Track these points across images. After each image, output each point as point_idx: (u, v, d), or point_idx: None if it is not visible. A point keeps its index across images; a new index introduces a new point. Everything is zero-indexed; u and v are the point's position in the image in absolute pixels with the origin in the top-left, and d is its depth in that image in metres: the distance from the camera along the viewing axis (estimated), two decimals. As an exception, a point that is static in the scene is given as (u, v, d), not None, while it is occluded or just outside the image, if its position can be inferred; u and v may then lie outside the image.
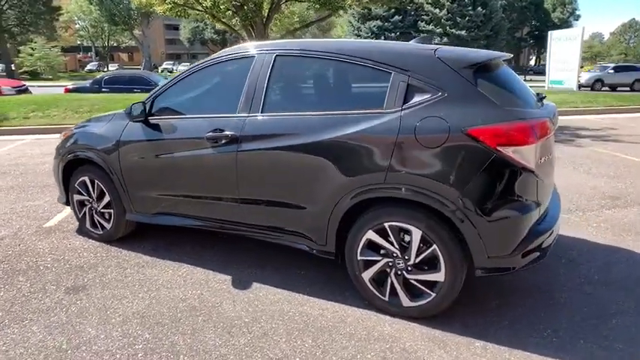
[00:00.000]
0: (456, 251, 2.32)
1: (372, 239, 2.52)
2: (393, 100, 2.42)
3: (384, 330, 2.46)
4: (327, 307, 2.71)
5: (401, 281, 2.50)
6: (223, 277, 3.10)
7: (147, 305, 2.74)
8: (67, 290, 2.93)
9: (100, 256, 3.46)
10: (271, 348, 2.32)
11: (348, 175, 2.47)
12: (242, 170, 2.81)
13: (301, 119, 2.64)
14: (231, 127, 2.82)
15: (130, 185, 3.37)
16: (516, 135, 2.18)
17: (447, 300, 2.42)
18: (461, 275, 2.36)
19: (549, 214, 2.58)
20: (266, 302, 2.77)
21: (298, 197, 2.69)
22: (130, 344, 2.36)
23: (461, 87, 2.32)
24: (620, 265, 3.20)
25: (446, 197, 2.25)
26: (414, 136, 2.30)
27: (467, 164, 2.23)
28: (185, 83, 3.19)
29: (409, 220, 2.38)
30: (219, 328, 2.50)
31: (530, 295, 2.80)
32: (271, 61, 2.81)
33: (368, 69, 2.53)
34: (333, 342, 2.37)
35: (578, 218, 4.14)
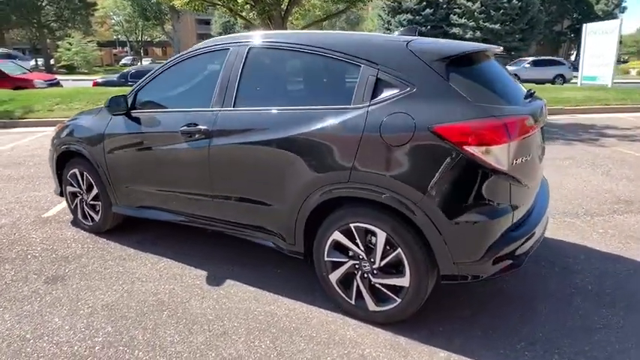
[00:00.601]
0: (421, 256, 2.19)
1: (339, 240, 2.43)
2: (361, 95, 2.30)
3: (346, 334, 2.37)
4: (294, 307, 2.64)
5: (367, 285, 2.40)
6: (200, 272, 3.08)
7: (117, 298, 2.75)
8: (46, 280, 2.99)
9: (86, 247, 3.51)
10: (227, 347, 2.28)
11: (314, 174, 2.38)
12: (214, 165, 2.77)
13: (270, 114, 2.57)
14: (204, 121, 2.78)
15: (114, 178, 3.40)
16: (486, 133, 2.02)
17: (412, 306, 2.30)
18: (426, 281, 2.23)
19: (530, 218, 2.40)
20: (234, 300, 2.72)
21: (267, 195, 2.62)
22: (90, 336, 2.37)
23: (431, 81, 2.18)
24: (618, 276, 2.97)
25: (409, 199, 2.13)
26: (379, 134, 2.19)
27: (432, 164, 2.09)
28: (165, 76, 3.18)
29: (374, 222, 2.27)
30: (181, 325, 2.47)
31: (510, 304, 2.64)
32: (244, 53, 2.74)
33: (338, 62, 2.42)
34: (291, 344, 2.30)
35: (584, 223, 3.89)
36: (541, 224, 2.52)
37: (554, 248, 3.39)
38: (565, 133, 8.20)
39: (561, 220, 3.94)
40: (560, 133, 8.26)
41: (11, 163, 6.21)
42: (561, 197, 4.57)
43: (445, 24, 34.09)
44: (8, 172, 5.72)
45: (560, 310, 2.59)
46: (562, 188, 4.88)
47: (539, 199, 2.71)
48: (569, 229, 3.76)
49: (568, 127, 9.00)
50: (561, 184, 5.05)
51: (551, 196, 4.57)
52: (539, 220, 2.47)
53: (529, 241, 2.29)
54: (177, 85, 3.19)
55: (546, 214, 2.70)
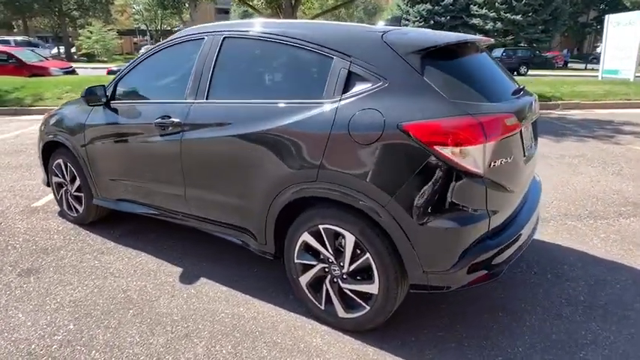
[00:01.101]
0: (390, 262, 2.05)
1: (308, 242, 2.30)
2: (333, 89, 2.16)
3: (312, 342, 2.25)
4: (264, 309, 2.53)
5: (336, 290, 2.28)
6: (175, 269, 3.00)
7: (87, 294, 2.70)
8: (20, 272, 2.95)
9: (67, 239, 3.47)
10: (186, 351, 2.19)
11: (283, 171, 2.26)
12: (185, 160, 2.67)
13: (240, 107, 2.45)
14: (178, 113, 2.68)
15: (93, 170, 3.33)
16: (459, 133, 1.86)
17: (381, 315, 2.17)
18: (395, 289, 2.09)
19: (514, 223, 2.22)
20: (204, 300, 2.63)
21: (237, 191, 2.51)
22: (51, 334, 2.31)
23: (404, 75, 2.02)
24: (614, 287, 2.76)
25: (376, 201, 1.98)
26: (347, 131, 2.04)
27: (401, 165, 1.94)
28: (144, 66, 3.08)
29: (342, 224, 2.14)
30: (144, 325, 2.40)
31: (492, 314, 2.47)
32: (219, 43, 2.61)
33: (312, 53, 2.28)
34: (252, 350, 2.19)
35: (586, 227, 3.67)
36: (527, 228, 2.35)
37: (550, 253, 3.19)
38: (579, 129, 7.85)
39: (561, 223, 3.73)
40: (573, 129, 7.91)
41: (13, 151, 6.25)
42: (565, 197, 4.34)
43: (465, 14, 33.28)
44: (8, 160, 5.76)
45: (546, 321, 2.41)
46: (567, 188, 4.63)
47: (528, 199, 2.53)
48: (569, 232, 3.55)
49: (583, 122, 8.62)
50: (568, 183, 4.80)
51: (554, 196, 4.37)
52: (524, 225, 2.29)
53: (509, 249, 2.12)
54: (155, 76, 3.09)
55: (535, 216, 2.52)
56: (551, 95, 10.67)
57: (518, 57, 25.73)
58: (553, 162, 5.66)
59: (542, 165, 5.49)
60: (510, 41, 31.54)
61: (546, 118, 8.94)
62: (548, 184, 4.75)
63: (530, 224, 2.41)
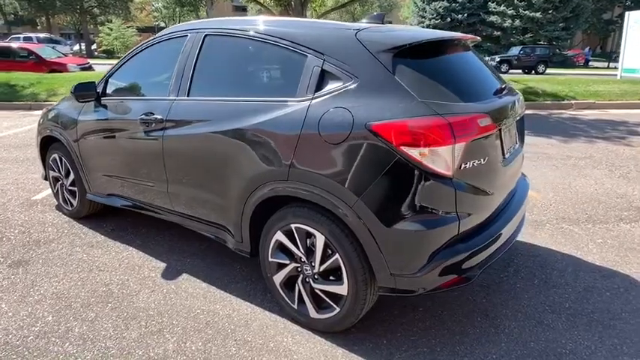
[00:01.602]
0: (358, 263, 2.02)
1: (281, 241, 2.29)
2: (306, 87, 2.13)
3: (282, 341, 2.24)
4: (239, 307, 2.53)
5: (308, 290, 2.26)
6: (159, 264, 3.03)
7: (70, 286, 2.74)
8: (11, 264, 3.02)
9: (61, 232, 3.53)
10: (157, 346, 2.20)
11: (256, 169, 2.25)
12: (167, 156, 2.69)
13: (217, 105, 2.44)
14: (160, 110, 2.69)
15: (85, 165, 3.39)
16: (426, 133, 1.81)
17: (351, 317, 2.14)
18: (364, 291, 2.06)
19: (490, 226, 2.16)
20: (182, 296, 2.65)
21: (214, 188, 2.51)
22: (29, 325, 2.36)
23: (375, 74, 1.98)
24: (603, 295, 2.67)
25: (344, 201, 1.96)
26: (317, 130, 2.02)
27: (368, 165, 1.91)
28: (132, 63, 3.11)
29: (313, 224, 2.12)
30: (120, 319, 2.42)
31: (470, 319, 2.42)
32: (200, 40, 2.62)
33: (287, 51, 2.26)
34: (222, 347, 2.19)
35: (583, 231, 3.56)
36: (508, 230, 2.29)
37: (540, 258, 3.11)
38: (589, 130, 7.63)
39: (557, 227, 3.63)
40: (584, 129, 7.69)
41: (22, 145, 6.41)
42: (565, 200, 4.22)
43: (483, 11, 32.67)
44: (16, 154, 5.90)
45: (526, 328, 2.35)
46: (569, 190, 4.51)
47: (513, 200, 2.47)
48: (565, 236, 3.45)
49: (595, 123, 8.37)
50: (570, 185, 4.67)
51: (553, 198, 4.26)
52: (504, 226, 2.23)
53: (483, 252, 2.07)
54: (142, 72, 3.11)
55: (519, 217, 2.45)
56: (565, 94, 10.41)
57: (536, 55, 25.13)
58: (558, 163, 5.52)
59: (545, 166, 5.36)
60: (529, 39, 30.87)
61: (557, 118, 8.73)
62: (549, 186, 4.64)
63: (511, 225, 2.34)
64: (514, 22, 31.17)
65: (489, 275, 2.87)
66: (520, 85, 11.29)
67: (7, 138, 6.87)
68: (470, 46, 2.51)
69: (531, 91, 10.76)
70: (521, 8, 30.76)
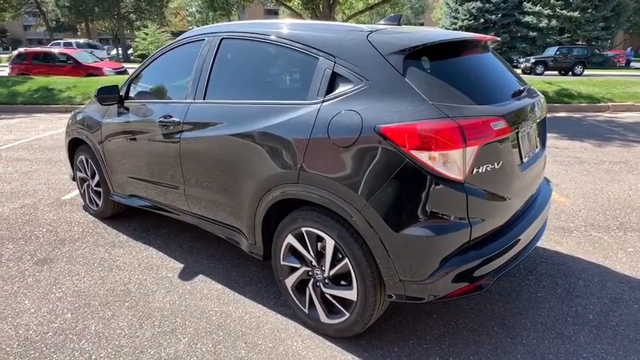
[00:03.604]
0: (367, 268, 1.98)
1: (293, 244, 2.29)
2: (317, 90, 2.12)
3: (292, 345, 2.23)
4: (252, 310, 2.54)
5: (319, 294, 2.24)
6: (177, 265, 3.08)
7: (90, 285, 2.82)
8: (37, 261, 3.14)
9: (86, 231, 3.66)
10: (168, 346, 2.23)
11: (268, 172, 2.25)
12: (184, 158, 2.73)
13: (231, 108, 2.47)
14: (178, 113, 2.74)
15: (108, 166, 3.49)
16: (435, 137, 1.76)
17: (361, 323, 2.11)
18: (374, 297, 2.02)
19: (507, 232, 2.08)
20: (197, 296, 2.68)
21: (229, 191, 2.53)
22: (49, 322, 2.44)
23: (385, 76, 1.95)
24: (632, 307, 2.53)
25: (352, 205, 1.93)
26: (326, 133, 2.00)
27: (377, 169, 1.87)
28: (154, 66, 3.19)
29: (323, 228, 2.10)
30: (136, 318, 2.47)
31: (487, 328, 2.34)
32: (217, 44, 2.65)
33: (300, 54, 2.25)
34: (231, 350, 2.20)
35: (613, 239, 3.38)
36: (527, 235, 2.20)
37: (565, 266, 2.97)
38: (626, 134, 7.26)
39: (585, 234, 3.47)
40: (620, 132, 7.33)
41: (56, 146, 6.68)
42: (595, 207, 4.03)
43: (518, 12, 31.83)
44: (50, 155, 6.16)
45: (545, 340, 2.25)
46: (601, 196, 4.30)
47: (533, 205, 2.37)
48: (593, 244, 3.29)
49: (632, 126, 7.97)
50: (602, 191, 4.45)
51: (583, 204, 4.07)
52: (522, 233, 2.14)
53: (498, 259, 1.99)
54: (161, 76, 3.18)
55: (540, 223, 2.35)
56: (601, 96, 9.96)
57: (573, 56, 24.18)
58: (590, 168, 5.28)
59: (577, 171, 5.14)
60: (566, 39, 29.82)
61: (592, 121, 8.37)
62: (579, 191, 4.44)
63: (531, 231, 2.25)
64: (550, 22, 30.21)
65: (509, 283, 2.77)
66: (553, 87, 10.90)
67: (42, 140, 7.18)
68: (488, 47, 2.43)
69: (565, 93, 10.37)
70: (558, 8, 29.79)
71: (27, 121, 9.09)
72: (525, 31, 31.97)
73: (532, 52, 30.26)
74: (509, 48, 33.04)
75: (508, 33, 32.45)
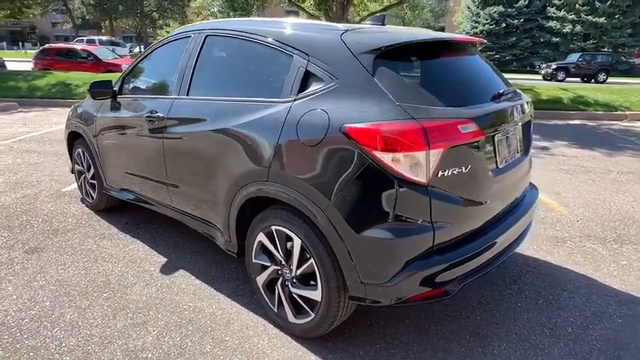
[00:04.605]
0: (331, 269, 1.97)
1: (264, 242, 2.28)
2: (290, 88, 2.12)
3: (258, 343, 2.23)
4: (225, 306, 2.54)
5: (287, 293, 2.23)
6: (161, 259, 3.12)
7: (73, 275, 2.88)
8: (27, 250, 3.22)
9: (79, 223, 3.73)
10: (137, 338, 2.26)
11: (240, 169, 2.26)
12: (166, 153, 2.76)
13: (209, 104, 2.48)
14: (162, 108, 2.78)
15: (102, 159, 3.55)
16: (398, 138, 1.74)
17: (325, 324, 2.09)
18: (337, 298, 2.00)
19: (478, 238, 2.03)
20: (174, 291, 2.70)
21: (206, 187, 2.55)
22: (27, 309, 2.50)
23: (355, 75, 1.93)
24: (614, 321, 2.44)
25: (317, 205, 1.91)
26: (295, 131, 2.00)
27: (341, 169, 1.85)
28: (145, 63, 3.24)
29: (291, 227, 2.09)
30: (111, 309, 2.51)
31: (458, 337, 2.29)
32: (201, 41, 2.68)
33: (276, 51, 2.25)
34: (198, 344, 2.21)
35: (608, 251, 3.27)
36: (502, 243, 2.14)
37: (551, 277, 2.89)
38: (640, 143, 7.05)
39: (579, 245, 3.36)
40: (635, 142, 7.10)
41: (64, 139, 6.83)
42: (595, 217, 3.91)
43: (541, 17, 31.22)
44: (57, 148, 6.30)
45: (517, 352, 2.18)
46: (602, 206, 4.17)
47: (513, 212, 2.32)
48: (585, 256, 3.19)
49: (650, 136, 7.72)
50: (604, 201, 4.32)
51: (582, 214, 3.96)
52: (495, 239, 2.09)
53: (465, 265, 1.94)
54: (152, 72, 3.22)
55: (519, 229, 2.30)
56: (619, 105, 9.67)
57: (597, 63, 23.55)
58: (596, 177, 5.13)
59: (581, 180, 5.01)
60: (591, 46, 29.10)
61: (606, 129, 8.14)
62: (580, 201, 4.32)
63: (507, 237, 2.20)
64: (575, 27, 29.54)
65: (490, 292, 2.71)
66: (569, 94, 10.65)
67: (53, 133, 7.36)
68: (471, 49, 2.38)
69: (581, 100, 10.11)
70: (583, 13, 29.09)
71: (42, 114, 9.34)
72: (548, 37, 31.34)
73: (554, 58, 29.63)
74: (530, 53, 32.45)
75: (530, 38, 31.88)
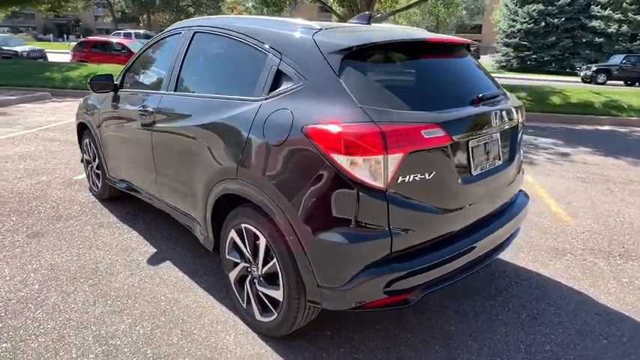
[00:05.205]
0: (292, 269, 1.96)
1: (235, 239, 2.30)
2: (262, 86, 2.12)
3: (224, 339, 2.25)
4: (201, 300, 2.58)
5: (254, 291, 2.25)
6: (151, 249, 3.20)
7: (66, 260, 2.99)
8: (30, 234, 3.37)
9: (83, 210, 3.87)
10: (111, 325, 2.33)
11: (214, 166, 2.29)
12: (154, 147, 2.83)
13: (192, 100, 2.54)
14: (153, 103, 2.84)
15: (104, 150, 3.67)
16: (355, 141, 1.70)
17: (286, 324, 2.09)
18: (297, 299, 1.99)
19: (442, 248, 1.97)
20: (156, 281, 2.77)
21: (187, 181, 2.59)
22: (17, 290, 2.62)
23: (322, 76, 1.91)
24: (598, 342, 2.31)
25: (278, 205, 1.91)
26: (262, 130, 2.00)
27: (302, 169, 1.84)
28: (143, 58, 3.32)
29: (257, 225, 2.10)
30: (93, 295, 2.60)
31: (426, 347, 2.23)
32: (189, 37, 2.72)
33: (253, 49, 2.26)
34: (166, 335, 2.26)
35: (609, 266, 3.10)
36: (474, 252, 2.07)
37: (542, 290, 2.77)
38: (671, 153, 6.62)
39: (580, 258, 3.21)
40: (666, 152, 6.69)
41: (89, 130, 7.10)
42: (604, 229, 3.72)
43: (584, 16, 29.85)
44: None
45: (486, 365, 2.11)
46: (614, 219, 3.96)
47: (493, 221, 2.24)
48: (584, 270, 3.04)
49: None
50: (617, 213, 4.10)
51: (590, 227, 3.77)
52: (467, 248, 2.02)
53: (428, 273, 1.89)
54: (147, 67, 3.30)
55: (496, 238, 2.22)
56: (653, 111, 9.14)
57: (644, 65, 22.33)
58: (614, 187, 4.87)
59: (598, 189, 4.77)
60: (638, 47, 27.59)
61: (637, 137, 7.70)
62: (591, 211, 4.12)
63: (483, 246, 2.13)
64: (621, 27, 28.09)
65: (472, 301, 2.63)
66: (602, 98, 10.14)
67: (78, 122, 7.66)
68: (456, 50, 2.30)
69: (614, 104, 9.61)
70: (631, 12, 27.61)
71: (72, 104, 9.72)
72: (591, 37, 29.93)
73: (596, 59, 28.29)
74: (571, 54, 31.10)
75: (571, 38, 30.53)
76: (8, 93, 10.12)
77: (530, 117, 9.22)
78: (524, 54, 31.48)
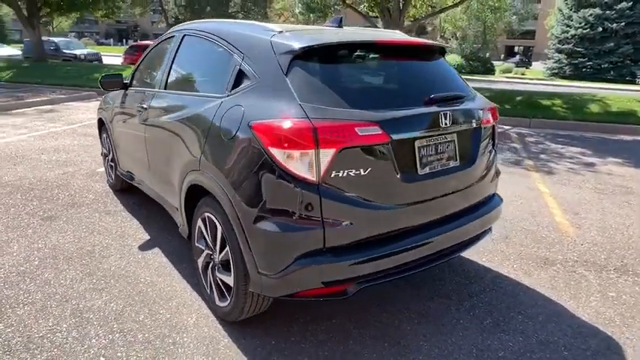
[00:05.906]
0: (239, 257, 2.07)
1: (201, 228, 2.45)
2: (226, 84, 2.27)
3: (186, 320, 2.40)
4: (177, 284, 2.75)
5: (214, 277, 2.38)
6: (145, 236, 3.43)
7: (68, 242, 3.28)
8: (44, 217, 3.71)
9: (96, 199, 4.19)
10: (89, 301, 2.54)
11: (184, 159, 2.46)
12: (147, 140, 3.05)
13: (174, 97, 2.75)
14: (147, 100, 3.06)
15: (115, 143, 3.97)
16: (288, 136, 1.79)
17: (236, 310, 2.20)
18: (244, 286, 2.10)
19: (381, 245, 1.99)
20: (141, 265, 2.97)
21: (168, 173, 2.78)
22: (18, 264, 2.92)
23: (272, 75, 2.02)
24: (559, 353, 2.23)
25: (227, 194, 2.04)
26: (219, 125, 2.13)
27: (245, 162, 1.96)
28: (147, 59, 3.56)
29: (215, 214, 2.23)
30: (82, 274, 2.84)
31: (375, 344, 2.26)
32: (179, 39, 2.91)
33: (224, 50, 2.41)
34: (134, 314, 2.44)
35: (599, 280, 2.97)
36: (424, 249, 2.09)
37: (515, 299, 2.70)
38: None
39: (568, 269, 3.09)
40: None
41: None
42: (606, 242, 3.54)
43: (646, 21, 27.87)
44: (112, 133, 7.04)
45: (432, 366, 2.12)
46: (621, 233, 3.75)
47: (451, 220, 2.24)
48: (569, 282, 2.93)
49: None
50: (628, 227, 3.88)
51: (592, 239, 3.63)
52: (415, 244, 2.05)
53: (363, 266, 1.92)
54: (149, 67, 3.54)
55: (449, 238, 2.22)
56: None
57: None
58: (635, 200, 4.60)
59: (613, 202, 4.53)
60: None
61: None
62: (598, 224, 3.93)
63: (435, 244, 2.14)
64: (688, 33, 26.03)
65: (437, 304, 2.62)
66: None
67: (115, 120, 8.21)
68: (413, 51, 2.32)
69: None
70: (698, 17, 25.52)
71: (115, 103, 10.41)
72: (650, 44, 27.93)
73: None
74: (632, 61, 29.10)
75: (632, 44, 28.59)
76: (60, 92, 11.00)
77: (562, 125, 8.81)
78: (579, 60, 29.87)
